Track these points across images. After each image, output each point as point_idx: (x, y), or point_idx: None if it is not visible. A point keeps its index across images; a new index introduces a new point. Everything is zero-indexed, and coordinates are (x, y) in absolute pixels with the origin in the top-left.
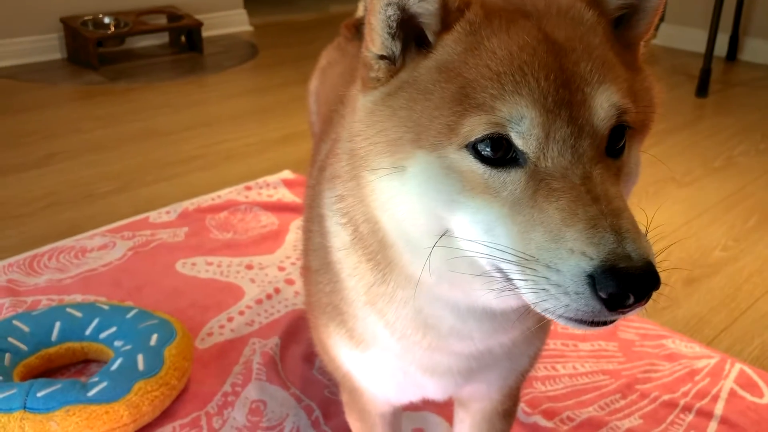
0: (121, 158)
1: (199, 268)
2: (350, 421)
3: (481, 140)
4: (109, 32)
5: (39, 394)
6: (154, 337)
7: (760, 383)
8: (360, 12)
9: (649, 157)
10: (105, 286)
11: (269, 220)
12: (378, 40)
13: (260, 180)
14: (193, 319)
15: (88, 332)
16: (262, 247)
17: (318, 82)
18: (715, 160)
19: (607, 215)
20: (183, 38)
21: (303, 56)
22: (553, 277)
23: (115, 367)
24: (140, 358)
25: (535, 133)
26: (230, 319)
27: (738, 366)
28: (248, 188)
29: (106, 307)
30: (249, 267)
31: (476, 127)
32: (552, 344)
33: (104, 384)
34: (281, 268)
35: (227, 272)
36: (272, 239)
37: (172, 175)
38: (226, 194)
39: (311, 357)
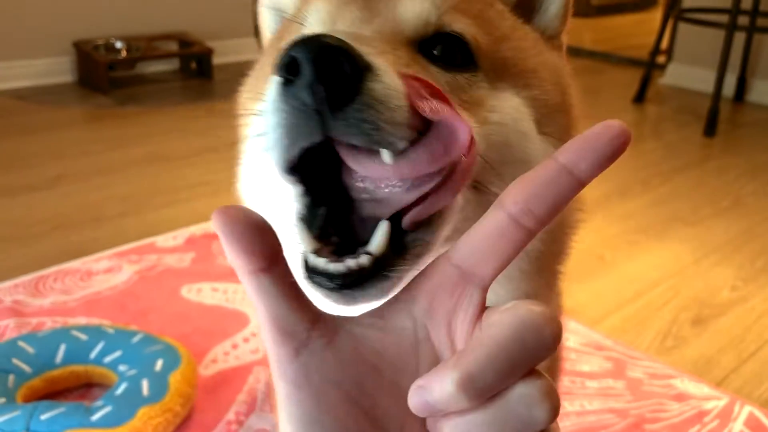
0: (129, 181)
1: (205, 294)
2: None
3: None
4: (121, 57)
5: (42, 417)
6: (160, 362)
7: None
8: None
9: (656, 196)
10: (110, 310)
11: None
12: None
13: None
14: (198, 345)
15: (92, 356)
16: None
17: None
18: (723, 200)
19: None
20: (193, 64)
21: None
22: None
23: (119, 391)
24: (145, 383)
25: (322, 20)
26: (235, 347)
27: (747, 408)
28: None
29: (111, 331)
30: None
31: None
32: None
33: (108, 408)
34: None
35: (233, 299)
36: None
37: (180, 200)
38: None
39: None
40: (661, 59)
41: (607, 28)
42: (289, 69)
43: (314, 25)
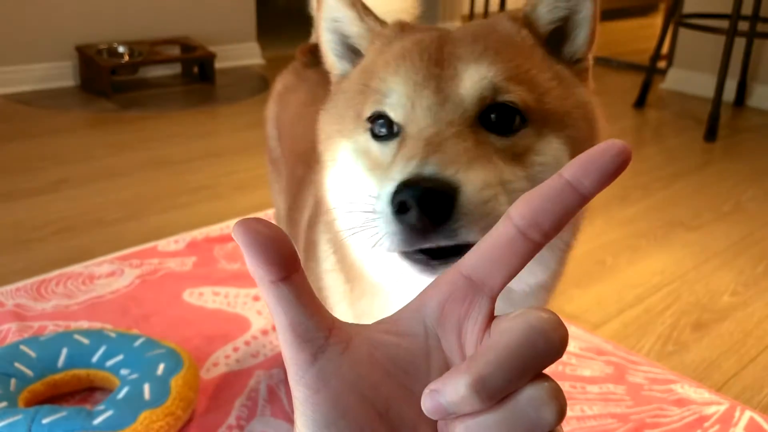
0: (132, 186)
1: (206, 298)
2: None
3: (373, 120)
4: (123, 61)
5: (44, 421)
6: (161, 366)
7: None
8: (314, 38)
9: (657, 201)
10: (112, 314)
11: None
12: (329, 61)
13: (269, 211)
14: (199, 349)
15: (94, 359)
16: None
17: (277, 107)
18: (723, 205)
19: (428, 150)
20: (195, 69)
21: None
22: (377, 208)
23: (121, 395)
24: (147, 387)
25: (402, 103)
26: (236, 350)
27: (748, 413)
28: None
29: (113, 335)
30: (256, 299)
31: (368, 109)
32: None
33: (110, 413)
34: None
35: (234, 303)
36: None
37: (182, 204)
38: (234, 225)
39: None
40: (661, 64)
41: (607, 32)
42: (400, 206)
43: (395, 105)
